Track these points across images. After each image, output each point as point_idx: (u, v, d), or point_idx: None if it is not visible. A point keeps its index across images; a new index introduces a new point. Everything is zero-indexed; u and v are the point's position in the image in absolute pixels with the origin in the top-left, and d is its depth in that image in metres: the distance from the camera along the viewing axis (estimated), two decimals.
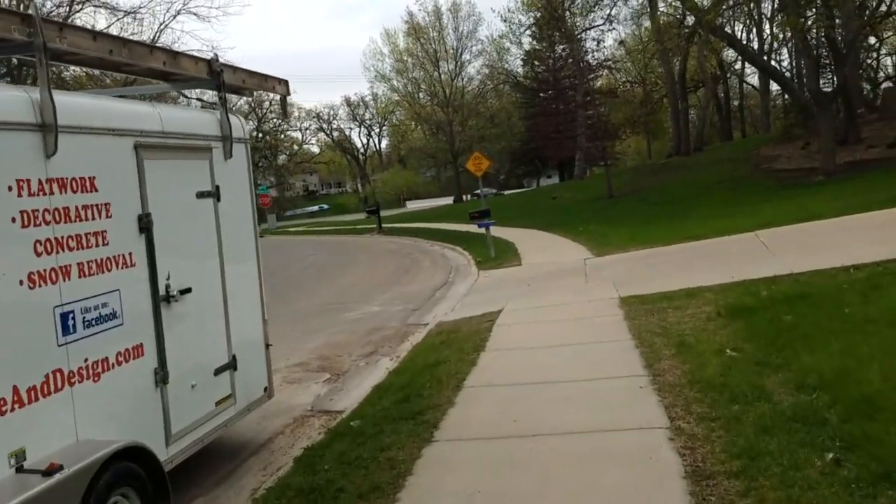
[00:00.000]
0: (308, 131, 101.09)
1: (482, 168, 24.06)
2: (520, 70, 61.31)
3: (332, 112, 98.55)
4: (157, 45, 19.49)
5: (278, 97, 7.54)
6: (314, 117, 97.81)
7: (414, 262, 21.85)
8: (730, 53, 63.59)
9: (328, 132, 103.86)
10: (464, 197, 62.25)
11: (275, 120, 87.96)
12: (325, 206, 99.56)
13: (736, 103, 65.87)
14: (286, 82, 7.07)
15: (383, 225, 39.93)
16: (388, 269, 20.32)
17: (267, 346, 6.53)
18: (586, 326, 8.86)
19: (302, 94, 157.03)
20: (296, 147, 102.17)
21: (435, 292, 15.03)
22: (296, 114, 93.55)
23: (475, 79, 64.15)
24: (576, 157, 50.00)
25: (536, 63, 56.70)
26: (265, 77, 6.80)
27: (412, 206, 77.67)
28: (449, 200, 68.52)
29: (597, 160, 53.58)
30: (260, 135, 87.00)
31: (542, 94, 56.87)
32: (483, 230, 19.92)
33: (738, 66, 66.26)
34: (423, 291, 15.27)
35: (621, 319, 8.91)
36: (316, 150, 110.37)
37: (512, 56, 60.04)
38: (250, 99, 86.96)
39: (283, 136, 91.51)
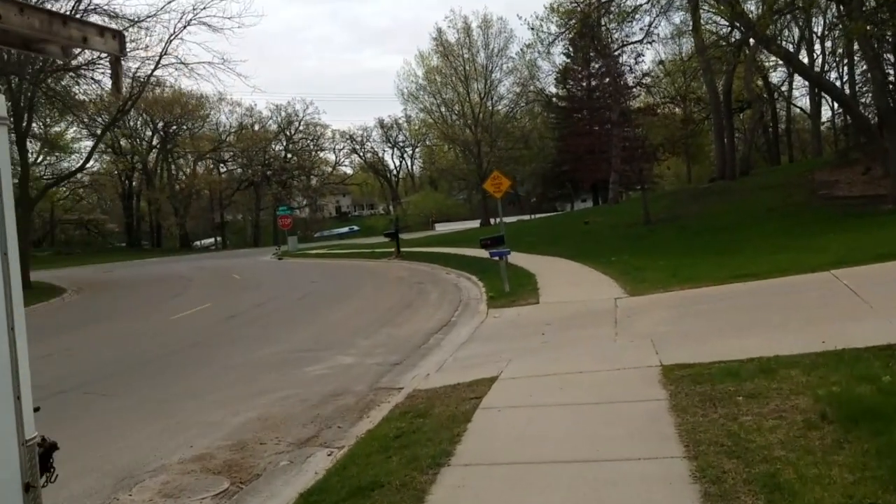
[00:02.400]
0: (342, 153, 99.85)
1: (501, 189, 21.24)
2: (552, 89, 58.62)
3: (365, 134, 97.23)
4: None
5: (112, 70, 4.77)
6: (348, 139, 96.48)
7: (420, 294, 19.03)
8: (776, 75, 60.34)
9: (361, 154, 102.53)
10: (491, 220, 59.37)
11: (304, 140, 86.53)
12: (355, 228, 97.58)
13: (783, 127, 62.32)
14: (120, 35, 4.33)
15: (403, 249, 37.35)
16: (389, 303, 17.51)
17: (27, 486, 3.69)
18: (613, 421, 5.90)
19: (337, 117, 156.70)
20: (328, 168, 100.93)
21: (430, 338, 12.17)
22: (329, 135, 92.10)
23: (505, 97, 61.50)
24: (610, 179, 46.86)
25: (570, 82, 53.85)
26: (67, 20, 4.05)
27: (441, 228, 75.08)
28: (478, 223, 65.82)
29: (633, 184, 50.44)
30: (288, 155, 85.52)
31: (575, 115, 53.92)
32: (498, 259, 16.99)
33: (784, 88, 62.94)
34: (416, 335, 12.43)
35: (665, 411, 5.93)
36: (349, 171, 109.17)
37: (544, 73, 57.42)
38: (280, 118, 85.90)
39: (314, 156, 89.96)
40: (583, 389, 6.95)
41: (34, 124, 34.90)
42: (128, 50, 34.11)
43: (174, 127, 77.20)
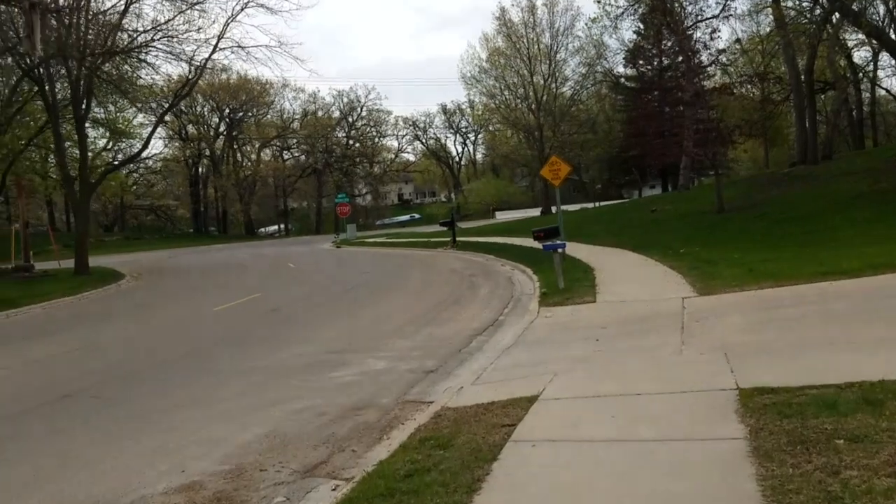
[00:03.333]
0: (404, 139, 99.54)
1: (560, 176, 19.95)
2: (620, 69, 56.24)
3: (428, 120, 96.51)
4: None
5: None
6: (410, 125, 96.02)
7: (470, 289, 17.93)
8: (860, 55, 56.43)
9: (424, 140, 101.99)
10: (552, 209, 57.62)
11: (365, 126, 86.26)
12: (417, 216, 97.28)
13: (867, 109, 58.39)
14: None
15: (459, 238, 36.31)
16: (435, 298, 16.47)
17: None
18: (676, 469, 4.67)
19: (401, 104, 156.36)
20: (391, 155, 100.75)
21: (472, 339, 11.06)
22: (391, 121, 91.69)
23: (570, 79, 59.31)
24: (681, 164, 44.57)
25: (640, 61, 51.46)
26: None
27: (501, 216, 73.69)
28: (538, 212, 64.15)
29: (706, 168, 47.97)
30: (350, 142, 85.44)
31: (645, 95, 51.54)
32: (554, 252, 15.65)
33: (869, 68, 58.89)
34: (457, 336, 11.34)
35: (744, 456, 4.67)
36: (412, 158, 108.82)
37: (612, 51, 54.90)
38: (342, 104, 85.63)
39: (376, 142, 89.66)
40: (640, 419, 5.71)
41: (96, 109, 35.16)
42: (183, 32, 34.01)
43: (240, 113, 78.02)
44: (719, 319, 9.55)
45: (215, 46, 31.71)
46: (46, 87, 29.79)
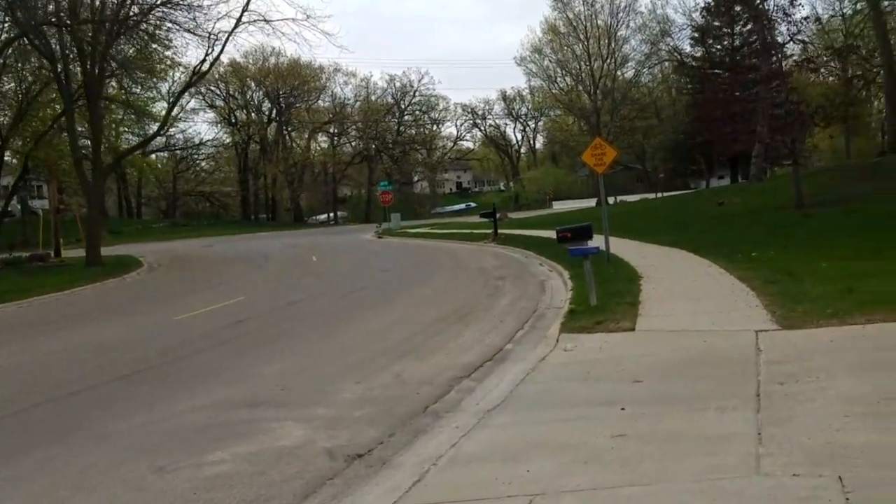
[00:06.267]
0: (463, 127, 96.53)
1: (605, 161, 16.61)
2: (687, 48, 51.50)
3: (487, 107, 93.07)
4: None
5: None
6: (469, 112, 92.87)
7: (490, 296, 14.78)
8: None
9: (482, 128, 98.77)
10: (610, 199, 53.56)
11: (418, 112, 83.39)
12: (472, 205, 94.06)
13: None
14: None
15: (503, 231, 33.17)
16: (441, 310, 13.35)
17: None
18: None
19: (462, 91, 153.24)
20: (449, 143, 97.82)
21: (452, 387, 7.90)
22: (446, 107, 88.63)
23: (631, 59, 54.72)
24: (753, 153, 40.02)
25: (709, 40, 46.72)
26: None
27: (559, 206, 69.97)
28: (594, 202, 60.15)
29: (780, 158, 43.23)
30: (401, 128, 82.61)
31: (713, 75, 46.77)
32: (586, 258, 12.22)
33: None
34: (435, 379, 8.22)
35: None
36: (471, 145, 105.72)
37: (677, 27, 50.23)
38: (394, 90, 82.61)
39: (431, 129, 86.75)
40: None
41: (112, 89, 33.20)
42: (207, 5, 31.47)
43: (291, 98, 76.10)
44: (818, 382, 6.13)
45: (238, 20, 29.16)
46: (59, 67, 27.84)
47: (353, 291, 17.35)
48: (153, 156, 74.55)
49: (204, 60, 28.44)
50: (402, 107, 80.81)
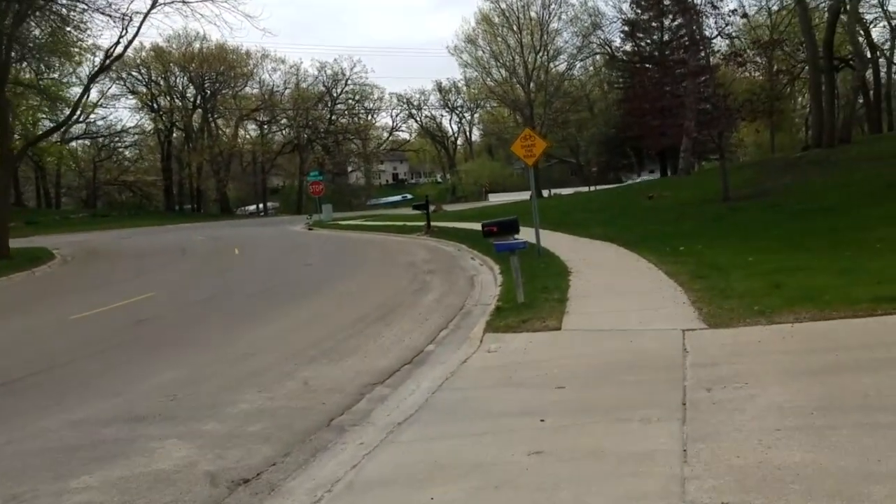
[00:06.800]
0: (399, 117, 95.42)
1: (534, 153, 16.18)
2: (617, 42, 51.86)
3: (423, 97, 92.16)
4: None
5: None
6: (404, 102, 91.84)
7: (416, 293, 14.19)
8: (877, 32, 52.41)
9: (418, 119, 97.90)
10: (544, 192, 53.70)
11: (351, 101, 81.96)
12: (409, 196, 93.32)
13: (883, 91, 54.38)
14: None
15: (437, 224, 32.61)
16: (362, 307, 12.66)
17: None
18: None
19: (396, 81, 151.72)
20: (384, 133, 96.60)
21: (364, 395, 7.27)
22: (380, 97, 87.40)
23: (564, 51, 54.74)
24: (681, 147, 40.54)
25: (640, 35, 47.14)
26: None
27: (495, 198, 69.92)
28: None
29: (707, 153, 44.01)
30: (333, 117, 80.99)
31: (643, 71, 47.23)
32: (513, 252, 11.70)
33: (886, 47, 54.96)
34: (346, 386, 7.57)
35: None
36: (407, 136, 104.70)
37: (608, 20, 50.40)
38: (325, 77, 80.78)
39: (365, 119, 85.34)
40: None
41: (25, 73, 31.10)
42: None
43: (217, 85, 73.54)
44: (747, 389, 5.74)
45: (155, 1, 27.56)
46: None
47: (270, 288, 16.48)
48: (73, 143, 71.14)
49: (118, 42, 26.81)
50: (335, 95, 79.16)
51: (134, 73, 68.17)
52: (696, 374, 6.39)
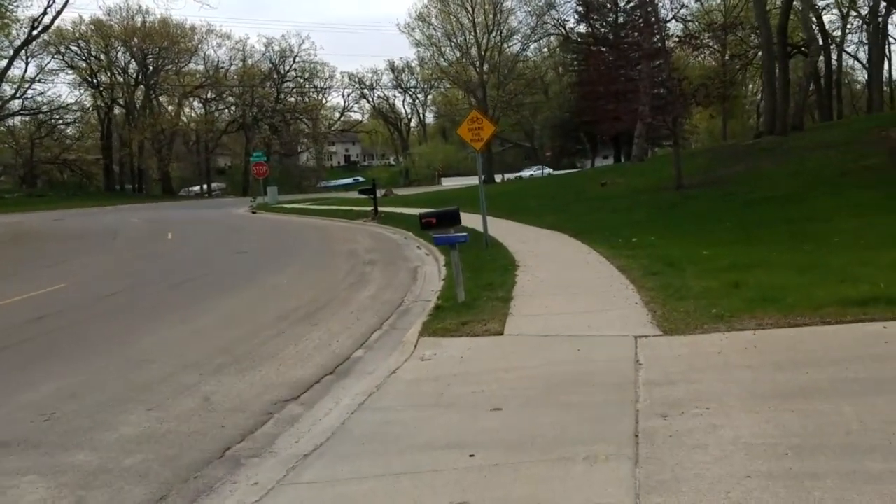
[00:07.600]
0: (350, 97, 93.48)
1: (482, 137, 15.27)
2: (572, 24, 51.09)
3: (375, 77, 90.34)
4: None
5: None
6: (356, 82, 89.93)
7: (354, 286, 13.19)
8: (829, 19, 52.81)
9: (371, 99, 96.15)
10: (497, 177, 52.87)
11: (299, 79, 79.79)
12: (361, 179, 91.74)
13: (834, 78, 54.91)
14: None
15: (385, 209, 31.64)
16: (289, 304, 11.60)
17: None
18: None
19: (349, 60, 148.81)
20: (336, 113, 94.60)
21: (271, 416, 6.27)
22: (330, 75, 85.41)
23: (518, 31, 53.68)
24: (635, 133, 40.14)
25: (593, 16, 46.47)
26: None
27: (448, 183, 69.03)
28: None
29: (661, 139, 43.74)
30: (281, 95, 78.72)
31: (597, 51, 46.59)
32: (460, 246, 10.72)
33: (837, 33, 55.51)
34: (252, 404, 6.57)
35: None
36: (359, 117, 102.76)
37: (562, 0, 49.38)
38: (272, 54, 78.40)
39: (315, 98, 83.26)
40: None
41: None
42: None
43: (160, 60, 70.66)
44: (709, 417, 4.92)
45: None
46: None
47: (193, 278, 15.25)
48: (11, 120, 67.76)
49: (45, 13, 24.86)
50: (282, 72, 76.83)
51: (73, 48, 65.07)
52: (651, 395, 5.56)
